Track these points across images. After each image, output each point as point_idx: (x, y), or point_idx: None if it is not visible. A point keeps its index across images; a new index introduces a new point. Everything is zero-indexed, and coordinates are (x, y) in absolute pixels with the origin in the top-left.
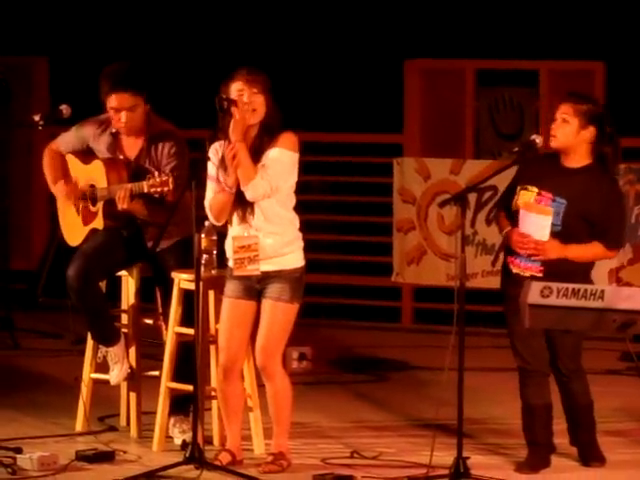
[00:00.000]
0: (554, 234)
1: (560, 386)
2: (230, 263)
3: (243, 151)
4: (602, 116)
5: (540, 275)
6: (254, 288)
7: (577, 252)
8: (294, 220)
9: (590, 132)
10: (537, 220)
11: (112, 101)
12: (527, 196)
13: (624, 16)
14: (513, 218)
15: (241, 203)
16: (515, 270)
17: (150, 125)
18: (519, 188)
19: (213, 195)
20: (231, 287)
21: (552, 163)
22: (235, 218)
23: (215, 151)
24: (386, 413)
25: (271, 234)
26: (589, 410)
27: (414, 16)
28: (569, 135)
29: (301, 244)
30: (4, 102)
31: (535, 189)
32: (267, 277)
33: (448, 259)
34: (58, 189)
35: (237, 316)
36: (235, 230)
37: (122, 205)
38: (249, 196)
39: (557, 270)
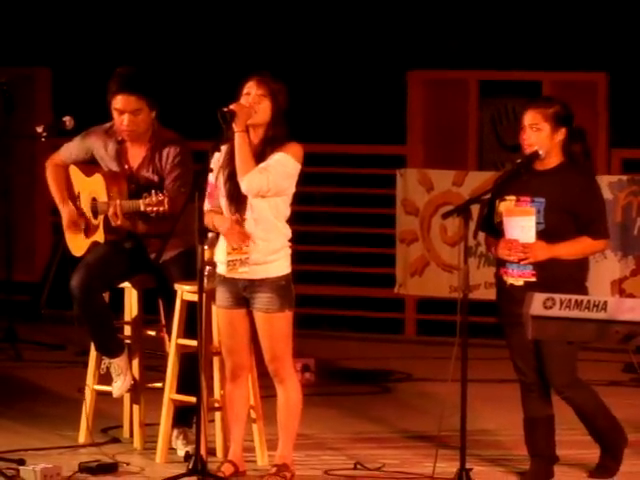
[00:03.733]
0: (540, 233)
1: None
2: (219, 269)
3: (244, 142)
4: (570, 115)
5: (534, 280)
6: (242, 296)
7: (565, 249)
8: (284, 230)
9: (562, 133)
10: (521, 223)
11: (117, 102)
12: (506, 205)
13: (627, 27)
14: (498, 233)
15: (234, 200)
16: (510, 281)
17: (154, 134)
18: (498, 201)
19: (206, 212)
20: (220, 296)
21: (525, 171)
22: (226, 213)
23: (217, 161)
24: (389, 424)
25: (258, 240)
26: (597, 416)
27: (417, 27)
28: (544, 140)
29: (288, 252)
30: (7, 112)
31: (513, 197)
32: (252, 285)
33: (451, 270)
34: (64, 212)
35: (231, 325)
36: None
37: (115, 222)
38: (243, 188)
39: (550, 273)
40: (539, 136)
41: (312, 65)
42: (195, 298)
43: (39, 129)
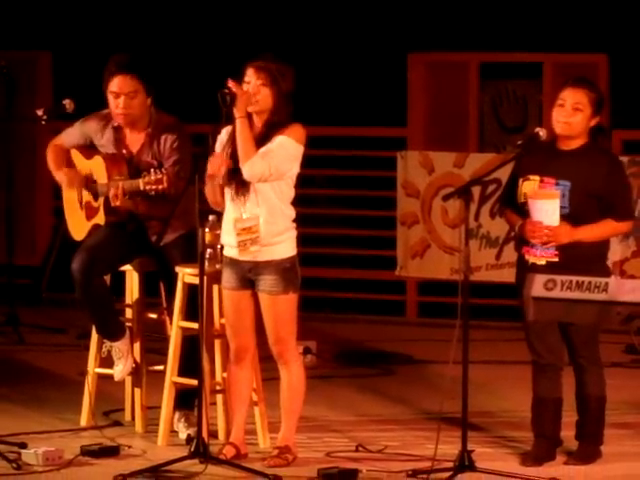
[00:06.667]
0: (564, 217)
1: (576, 375)
2: (225, 251)
3: (244, 128)
4: (603, 104)
5: (557, 260)
6: (247, 277)
7: (589, 232)
8: (287, 211)
9: (596, 120)
10: (545, 206)
11: (113, 85)
12: (530, 185)
13: (627, 8)
14: (522, 212)
15: (237, 181)
16: (532, 260)
17: (152, 119)
18: (521, 180)
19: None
20: (226, 277)
21: (548, 149)
22: (228, 195)
23: (219, 140)
24: (391, 406)
25: (263, 221)
26: (600, 403)
27: (417, 9)
28: (581, 123)
29: (293, 235)
30: (8, 95)
31: (537, 177)
32: (257, 267)
33: (452, 252)
34: (60, 176)
35: (236, 306)
36: (229, 210)
37: (115, 203)
38: (246, 174)
39: (572, 254)
40: (578, 117)
41: (313, 47)
42: (196, 281)
43: (40, 112)
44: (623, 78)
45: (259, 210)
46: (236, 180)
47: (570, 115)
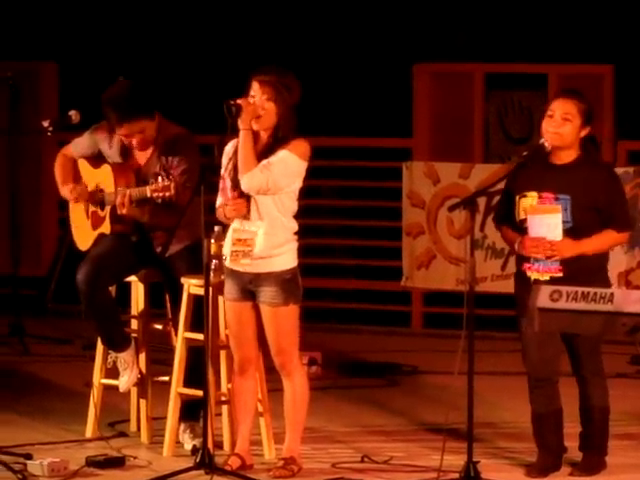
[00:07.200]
0: (568, 231)
1: (580, 387)
2: (227, 261)
3: (247, 140)
4: (593, 115)
5: (560, 275)
6: (247, 289)
7: (592, 245)
8: (289, 225)
9: (586, 131)
10: (547, 221)
11: (121, 130)
12: (528, 202)
13: (633, 20)
14: (519, 229)
15: (239, 192)
16: (534, 276)
17: (161, 130)
18: (517, 197)
19: (218, 205)
20: (227, 288)
21: (542, 165)
22: None
23: (226, 153)
24: (396, 417)
25: (263, 234)
26: (603, 414)
27: (423, 20)
28: (572, 134)
29: (293, 246)
30: (13, 106)
31: (534, 193)
32: (258, 278)
33: (458, 263)
34: (67, 190)
35: (238, 318)
36: (235, 222)
37: (121, 211)
38: (243, 186)
39: (575, 267)
40: (567, 127)
41: (318, 58)
42: (201, 292)
43: (45, 124)
44: (628, 89)
45: (260, 222)
46: (238, 191)
47: (559, 125)
